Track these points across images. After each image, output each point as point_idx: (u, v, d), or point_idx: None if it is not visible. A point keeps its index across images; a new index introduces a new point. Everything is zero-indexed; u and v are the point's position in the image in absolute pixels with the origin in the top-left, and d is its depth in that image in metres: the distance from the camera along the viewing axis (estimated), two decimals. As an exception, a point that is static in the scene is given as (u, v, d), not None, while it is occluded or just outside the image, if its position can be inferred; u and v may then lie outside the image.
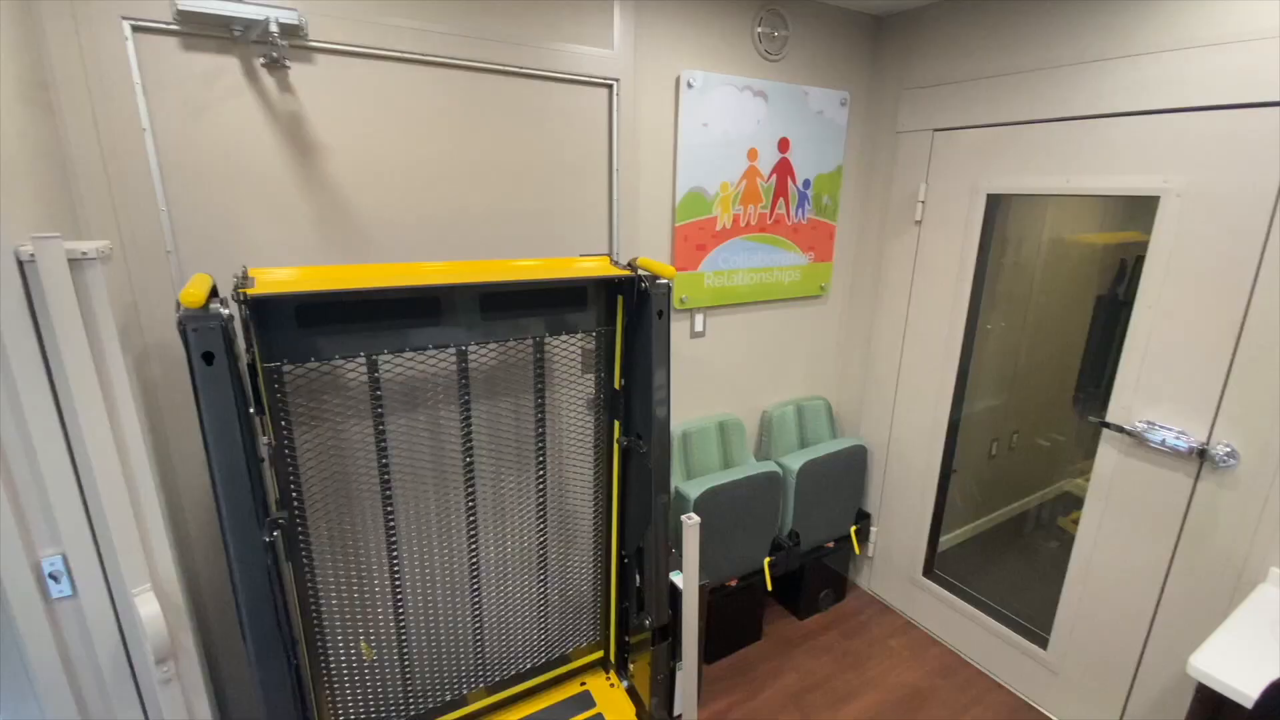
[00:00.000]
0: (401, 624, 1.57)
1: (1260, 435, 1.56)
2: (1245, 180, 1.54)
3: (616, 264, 1.58)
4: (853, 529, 2.63)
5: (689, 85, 1.94)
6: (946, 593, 2.44)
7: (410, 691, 1.63)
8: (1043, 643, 2.12)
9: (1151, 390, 1.76)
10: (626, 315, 1.62)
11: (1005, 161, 2.05)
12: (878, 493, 2.68)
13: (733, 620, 2.36)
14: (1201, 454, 1.66)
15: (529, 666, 1.82)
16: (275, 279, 1.23)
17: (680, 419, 2.31)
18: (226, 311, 1.05)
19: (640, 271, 1.51)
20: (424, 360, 1.43)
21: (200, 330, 1.02)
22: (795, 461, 2.38)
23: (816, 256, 2.47)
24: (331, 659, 1.50)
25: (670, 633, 1.78)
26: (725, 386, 2.41)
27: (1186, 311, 1.67)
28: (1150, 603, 1.82)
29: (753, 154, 2.14)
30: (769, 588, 2.36)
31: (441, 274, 1.36)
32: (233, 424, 1.07)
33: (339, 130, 1.50)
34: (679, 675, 1.87)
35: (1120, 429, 1.82)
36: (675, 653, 1.85)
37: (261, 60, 1.38)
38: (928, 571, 2.53)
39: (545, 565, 1.76)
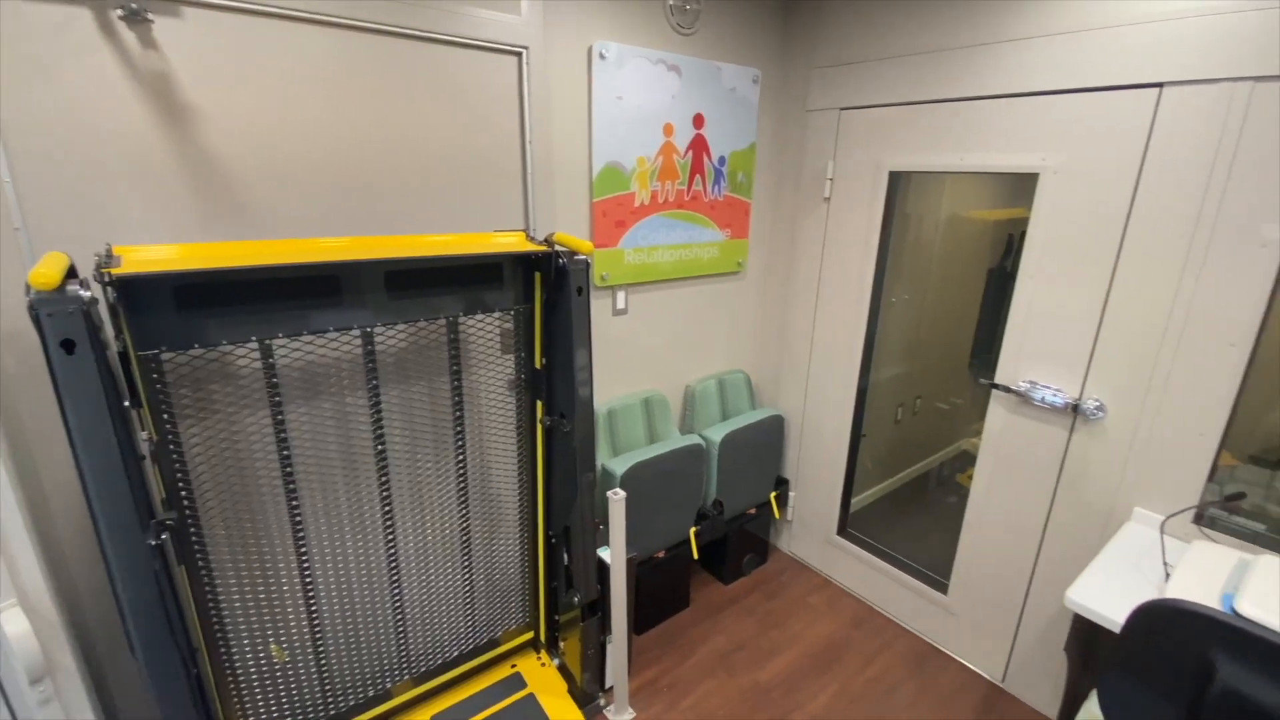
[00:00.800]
0: (315, 622, 1.49)
1: (1124, 389, 1.74)
2: (1112, 158, 1.69)
3: (533, 240, 1.54)
4: (773, 495, 2.74)
5: (601, 56, 1.90)
6: (859, 549, 2.60)
7: (329, 690, 1.56)
8: (943, 589, 2.30)
9: (1033, 353, 1.92)
10: (545, 293, 1.58)
11: (906, 140, 2.15)
12: (795, 459, 2.80)
13: (661, 590, 2.41)
14: (1075, 408, 1.84)
15: (456, 654, 1.78)
16: (147, 257, 1.11)
17: (605, 396, 2.30)
18: (88, 294, 0.94)
19: (558, 247, 1.48)
20: (325, 344, 1.35)
21: (56, 315, 0.90)
22: (717, 433, 2.44)
23: (733, 233, 2.51)
24: (239, 664, 1.41)
25: (599, 608, 1.80)
26: (649, 363, 2.43)
27: (1062, 280, 1.83)
28: (1034, 545, 2.01)
29: (668, 129, 2.13)
30: (695, 556, 2.43)
31: (342, 250, 1.28)
32: (103, 419, 0.96)
33: (217, 94, 1.36)
34: (609, 648, 1.90)
35: (1007, 389, 1.99)
36: (605, 627, 1.87)
37: (119, 12, 1.23)
38: (841, 531, 2.68)
39: (469, 550, 1.73)
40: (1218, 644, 1.03)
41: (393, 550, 1.57)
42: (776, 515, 2.80)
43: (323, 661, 1.53)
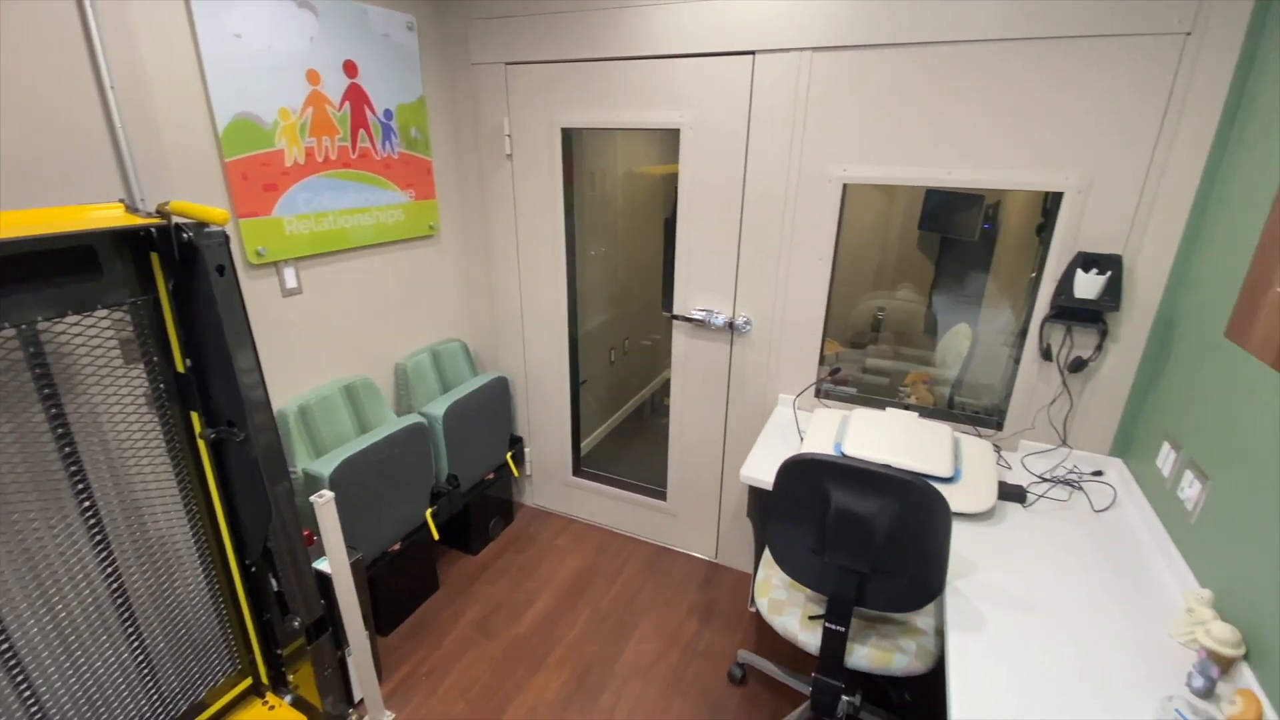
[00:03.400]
0: (-128, 788, 1.04)
1: (761, 306, 2.17)
2: (729, 115, 2.02)
3: (138, 212, 1.23)
4: (509, 455, 2.77)
5: (202, -17, 1.55)
6: (594, 484, 2.81)
7: None
8: (663, 497, 2.64)
9: (698, 286, 2.26)
10: (172, 278, 1.28)
11: (572, 97, 2.26)
12: (525, 416, 2.86)
13: (405, 581, 2.28)
14: (731, 326, 2.23)
15: (142, 740, 1.43)
16: None
17: (292, 392, 2.01)
18: None
19: (177, 219, 1.20)
20: None
21: None
22: (439, 407, 2.34)
23: (418, 194, 2.36)
24: None
25: (328, 624, 1.62)
26: (343, 346, 2.18)
27: (708, 223, 2.17)
28: (719, 441, 2.42)
29: (313, 76, 1.87)
30: (436, 537, 2.34)
31: None
32: None
33: None
34: (350, 661, 1.73)
35: (685, 319, 2.31)
36: (340, 641, 1.69)
37: None
38: (576, 471, 2.86)
39: (132, 614, 1.37)
40: (831, 479, 1.38)
41: (5, 646, 1.16)
42: (515, 474, 2.84)
43: (-98, 835, 1.08)
